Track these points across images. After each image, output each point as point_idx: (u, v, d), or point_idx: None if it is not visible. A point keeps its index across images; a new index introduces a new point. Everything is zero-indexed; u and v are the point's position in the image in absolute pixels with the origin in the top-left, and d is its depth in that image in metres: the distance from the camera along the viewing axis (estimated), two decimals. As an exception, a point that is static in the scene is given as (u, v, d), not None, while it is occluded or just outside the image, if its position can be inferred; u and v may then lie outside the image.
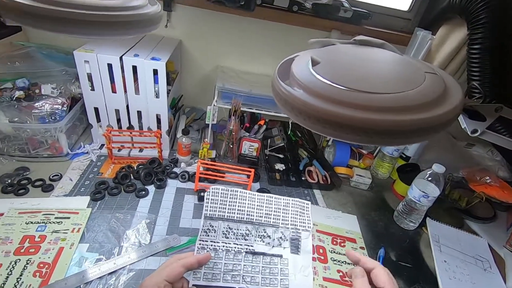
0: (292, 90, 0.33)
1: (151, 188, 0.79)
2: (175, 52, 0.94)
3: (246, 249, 0.48)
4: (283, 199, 0.53)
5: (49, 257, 0.57)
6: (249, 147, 0.94)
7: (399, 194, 0.96)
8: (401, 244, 0.80)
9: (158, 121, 0.89)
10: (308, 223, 0.51)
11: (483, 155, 1.10)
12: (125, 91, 0.83)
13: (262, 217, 0.51)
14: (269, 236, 0.50)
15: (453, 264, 0.75)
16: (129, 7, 0.47)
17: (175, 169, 0.88)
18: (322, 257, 0.69)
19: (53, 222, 0.64)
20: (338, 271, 0.67)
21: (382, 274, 0.40)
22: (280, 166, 0.97)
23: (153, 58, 0.79)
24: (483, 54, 0.80)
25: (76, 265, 0.57)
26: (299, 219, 0.52)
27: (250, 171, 0.80)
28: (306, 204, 0.54)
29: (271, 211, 0.52)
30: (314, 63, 0.35)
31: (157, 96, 0.83)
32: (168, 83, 0.93)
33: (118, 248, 0.62)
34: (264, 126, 0.97)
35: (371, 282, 0.41)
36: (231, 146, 0.95)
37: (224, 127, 0.97)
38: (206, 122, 0.92)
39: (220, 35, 1.04)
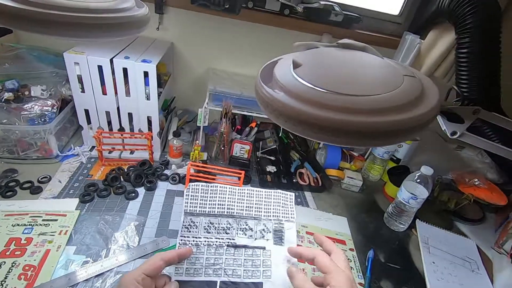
0: (273, 93, 0.34)
1: (141, 190, 0.79)
2: (167, 54, 0.94)
3: (228, 242, 0.48)
4: (265, 191, 0.53)
5: (35, 260, 0.56)
6: (241, 149, 0.94)
7: (389, 196, 0.97)
8: (390, 246, 0.81)
9: (149, 123, 0.89)
10: (291, 214, 0.51)
11: (473, 157, 1.11)
12: (116, 93, 0.83)
13: (243, 210, 0.51)
14: (251, 229, 0.49)
15: (442, 265, 0.75)
16: (117, 9, 0.48)
17: (166, 171, 0.88)
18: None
19: (40, 225, 0.63)
20: None
21: (323, 261, 0.40)
22: (271, 168, 0.97)
23: (143, 61, 0.79)
24: (471, 58, 0.82)
25: (63, 268, 0.57)
26: (282, 210, 0.51)
27: (240, 173, 0.80)
28: (290, 195, 0.53)
29: (253, 204, 0.51)
30: (296, 65, 0.36)
31: (148, 98, 0.84)
32: (160, 85, 0.93)
33: (106, 250, 0.62)
34: (256, 128, 0.98)
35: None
36: (223, 148, 0.95)
37: (215, 129, 0.97)
38: (198, 124, 0.92)
39: (212, 38, 1.04)
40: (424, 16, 1.07)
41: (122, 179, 0.81)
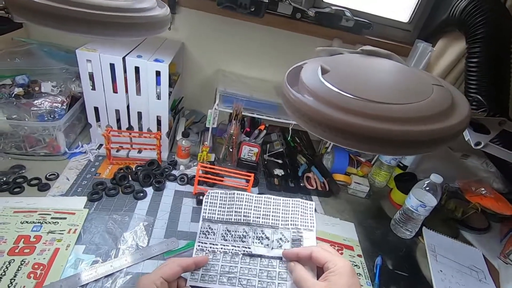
0: (302, 97, 0.34)
1: (149, 190, 0.79)
2: (177, 54, 0.94)
3: (244, 251, 0.47)
4: (283, 199, 0.52)
5: (44, 258, 0.56)
6: (249, 151, 0.94)
7: (395, 202, 0.97)
8: (397, 253, 0.80)
9: (159, 122, 0.88)
10: (311, 222, 0.49)
11: (478, 167, 1.11)
12: (126, 92, 0.82)
13: (259, 218, 0.49)
14: (267, 238, 0.48)
15: (449, 274, 0.75)
16: (138, 9, 0.47)
17: (174, 172, 0.87)
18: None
19: (49, 222, 0.62)
20: None
21: (319, 252, 0.40)
22: (279, 172, 0.97)
23: (156, 60, 0.79)
24: (481, 68, 0.82)
25: (72, 267, 0.56)
26: (301, 219, 0.50)
27: (249, 176, 0.80)
28: (310, 204, 0.52)
29: (269, 211, 0.50)
30: (324, 71, 0.36)
31: (158, 97, 0.83)
32: (170, 85, 0.93)
33: (115, 250, 0.61)
34: (264, 131, 0.97)
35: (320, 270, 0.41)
36: (231, 150, 0.94)
37: (224, 130, 0.97)
38: (207, 125, 0.92)
39: (222, 39, 1.04)
40: (433, 24, 1.08)
41: (130, 178, 0.81)
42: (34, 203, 0.67)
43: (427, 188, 0.80)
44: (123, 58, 0.77)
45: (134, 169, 0.83)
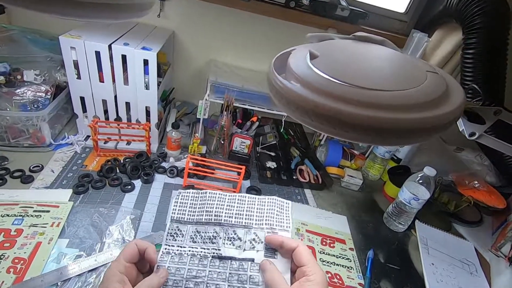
0: (289, 84, 0.32)
1: (137, 183, 0.77)
2: (167, 43, 0.91)
3: (213, 253, 0.43)
4: (258, 198, 0.48)
5: (25, 252, 0.54)
6: (241, 143, 0.92)
7: (389, 195, 0.96)
8: (390, 246, 0.80)
9: (147, 113, 0.86)
10: (287, 223, 0.45)
11: (472, 160, 1.11)
12: (114, 81, 0.79)
13: (231, 217, 0.45)
14: (239, 239, 0.44)
15: (441, 267, 0.75)
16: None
17: (164, 164, 0.85)
18: (311, 258, 0.68)
19: (31, 216, 0.60)
20: (327, 272, 0.66)
21: (305, 251, 0.38)
22: (271, 164, 0.95)
23: (143, 48, 0.76)
24: (477, 59, 0.81)
25: (54, 261, 0.54)
26: (276, 218, 0.45)
27: (240, 168, 0.78)
28: (286, 203, 0.48)
29: (243, 210, 0.46)
30: (312, 56, 0.34)
31: (147, 87, 0.80)
32: (159, 75, 0.90)
33: (100, 244, 0.59)
34: (257, 123, 0.95)
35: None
36: (222, 142, 0.92)
37: (215, 122, 0.95)
38: (198, 117, 0.90)
39: (214, 28, 1.01)
40: (430, 15, 1.06)
41: (118, 171, 0.78)
42: (16, 195, 0.64)
43: (420, 181, 0.79)
44: (109, 46, 0.74)
45: (122, 161, 0.81)
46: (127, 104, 0.84)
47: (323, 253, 0.70)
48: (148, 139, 0.85)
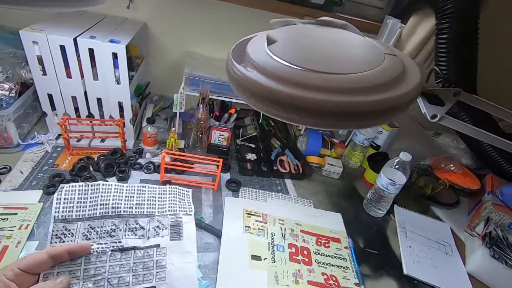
0: (245, 71, 0.31)
1: (112, 180, 0.75)
2: (139, 35, 0.88)
3: (113, 247, 0.42)
4: (159, 187, 0.49)
5: (-10, 257, 0.52)
6: (219, 136, 0.91)
7: (369, 182, 0.98)
8: (369, 232, 0.81)
9: (121, 109, 0.83)
10: (189, 208, 0.49)
11: (449, 144, 1.13)
12: (82, 77, 0.76)
13: (132, 208, 0.45)
14: (142, 228, 0.44)
15: (418, 249, 0.77)
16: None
17: (140, 160, 0.83)
18: (307, 259, 0.66)
19: (-3, 219, 0.58)
20: (323, 274, 0.64)
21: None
22: (251, 156, 0.95)
23: (111, 41, 0.73)
24: (450, 43, 0.82)
25: (23, 265, 0.52)
26: (179, 205, 0.48)
27: (218, 161, 0.77)
28: (186, 191, 0.53)
29: (144, 200, 0.46)
30: (270, 42, 0.33)
31: (118, 82, 0.78)
32: (132, 69, 0.88)
33: (72, 244, 0.57)
34: (235, 115, 0.94)
35: None
36: (200, 135, 0.91)
37: (193, 115, 0.93)
38: (174, 110, 0.88)
39: (188, 19, 0.99)
40: (405, 1, 1.06)
41: (91, 169, 0.76)
42: (-19, 199, 0.62)
43: (397, 167, 0.80)
44: (75, 39, 0.71)
45: (96, 159, 0.79)
46: (99, 100, 0.81)
47: (318, 253, 0.69)
48: (122, 135, 0.82)
